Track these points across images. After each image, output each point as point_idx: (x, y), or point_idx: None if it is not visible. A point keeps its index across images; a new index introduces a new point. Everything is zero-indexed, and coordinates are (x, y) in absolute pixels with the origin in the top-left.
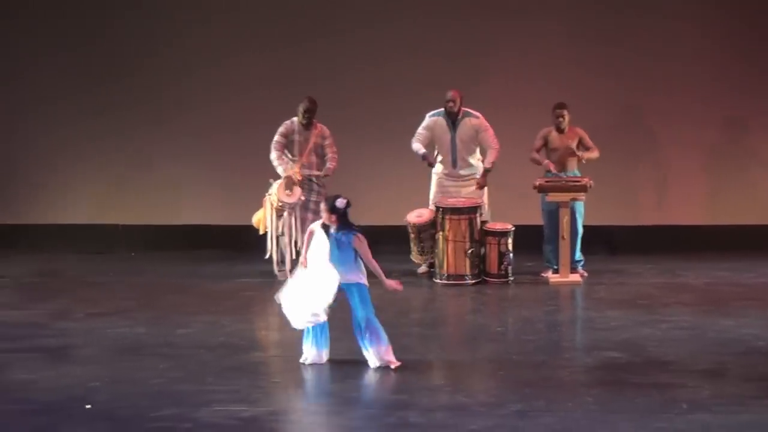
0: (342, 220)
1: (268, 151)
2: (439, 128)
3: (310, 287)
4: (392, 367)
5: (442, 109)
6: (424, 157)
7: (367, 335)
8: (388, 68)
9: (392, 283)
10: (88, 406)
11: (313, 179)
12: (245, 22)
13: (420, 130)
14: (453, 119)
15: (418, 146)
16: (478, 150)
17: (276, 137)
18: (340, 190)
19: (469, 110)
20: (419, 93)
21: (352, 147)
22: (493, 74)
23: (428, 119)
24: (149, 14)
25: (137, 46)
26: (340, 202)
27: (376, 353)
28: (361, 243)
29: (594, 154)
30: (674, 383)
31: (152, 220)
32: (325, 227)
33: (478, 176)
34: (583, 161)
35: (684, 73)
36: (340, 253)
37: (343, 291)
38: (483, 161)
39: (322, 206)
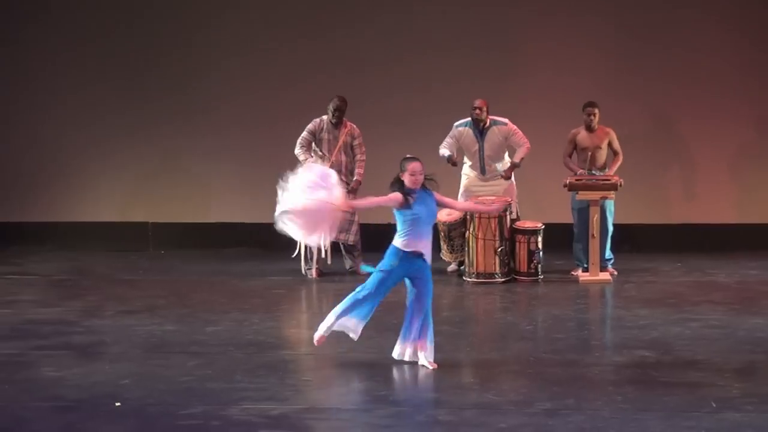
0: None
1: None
2: (467, 138)
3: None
4: (430, 367)
5: (469, 118)
6: (449, 159)
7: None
8: (413, 65)
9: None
10: (118, 404)
11: (343, 179)
12: (274, 17)
13: (447, 139)
14: (480, 129)
15: (444, 151)
16: (506, 156)
17: (303, 133)
18: (367, 188)
19: (495, 118)
20: (444, 90)
21: (378, 144)
22: (523, 71)
23: (455, 130)
24: (178, 8)
25: (166, 42)
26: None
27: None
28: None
29: (617, 164)
30: (703, 382)
31: (181, 218)
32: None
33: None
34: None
35: (713, 70)
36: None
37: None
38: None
39: (413, 166)
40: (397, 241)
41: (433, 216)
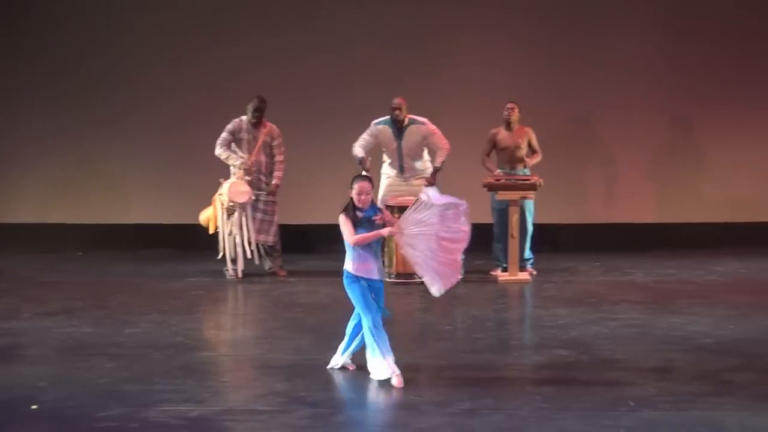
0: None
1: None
2: (385, 136)
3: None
4: (350, 368)
5: (388, 117)
6: (360, 161)
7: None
8: (336, 63)
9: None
10: (35, 407)
11: (262, 179)
12: (193, 21)
13: (364, 135)
14: (399, 127)
15: (358, 150)
16: (425, 153)
17: (223, 134)
18: (288, 188)
19: (414, 117)
20: (365, 88)
21: (299, 143)
22: (444, 69)
23: (374, 127)
24: (98, 14)
25: (85, 46)
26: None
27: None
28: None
29: (536, 160)
30: (622, 381)
31: (99, 219)
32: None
33: (427, 174)
34: (528, 167)
35: (631, 74)
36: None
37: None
38: (432, 162)
39: (361, 185)
40: (348, 264)
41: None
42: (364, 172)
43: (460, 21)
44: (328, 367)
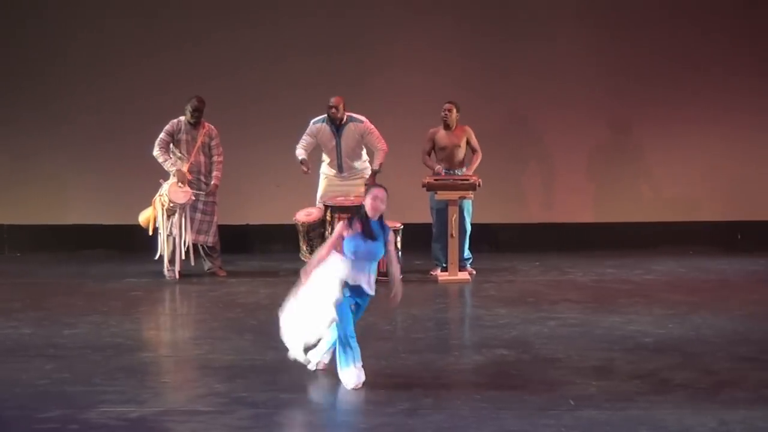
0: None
1: (154, 157)
2: (324, 135)
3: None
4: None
5: (326, 115)
6: (301, 162)
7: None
8: (274, 67)
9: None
10: None
11: (202, 179)
12: (136, 24)
13: (304, 136)
14: (337, 125)
15: (299, 152)
16: (364, 152)
17: (161, 135)
18: (230, 190)
19: (353, 115)
20: (306, 91)
21: (240, 146)
22: (381, 70)
23: (312, 126)
24: (42, 13)
25: (25, 46)
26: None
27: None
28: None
29: (477, 161)
30: (562, 380)
31: (37, 219)
32: (354, 219)
33: (366, 174)
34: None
35: (567, 76)
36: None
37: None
38: (371, 162)
39: (378, 192)
40: None
41: (373, 256)
42: (304, 169)
43: (395, 26)
44: (309, 364)
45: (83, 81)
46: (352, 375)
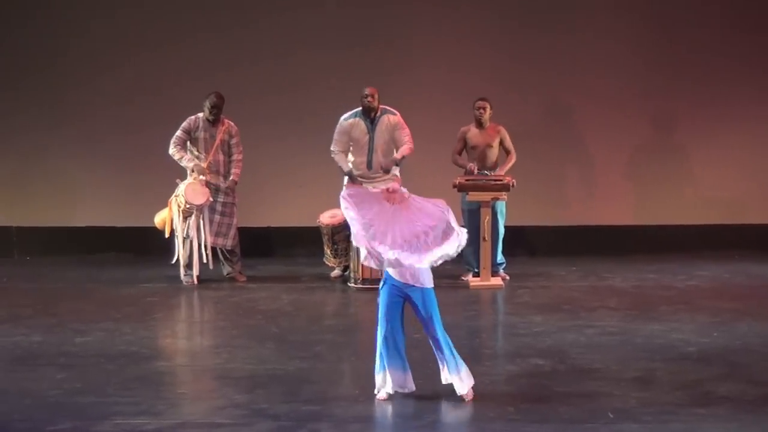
0: None
1: (169, 155)
2: (358, 130)
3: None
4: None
5: (359, 108)
6: (349, 174)
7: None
8: (295, 60)
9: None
10: None
11: (221, 179)
12: (145, 19)
13: (336, 136)
14: (371, 118)
15: (340, 158)
16: (395, 152)
17: (178, 132)
18: (250, 190)
19: (387, 107)
20: (329, 89)
21: (261, 144)
22: (410, 66)
23: (343, 123)
24: (49, 12)
25: (35, 44)
26: None
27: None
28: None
29: (510, 163)
30: (600, 392)
31: (48, 221)
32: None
33: (394, 175)
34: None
35: (610, 63)
36: None
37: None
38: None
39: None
40: None
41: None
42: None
43: (427, 20)
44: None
45: (95, 74)
46: (378, 381)
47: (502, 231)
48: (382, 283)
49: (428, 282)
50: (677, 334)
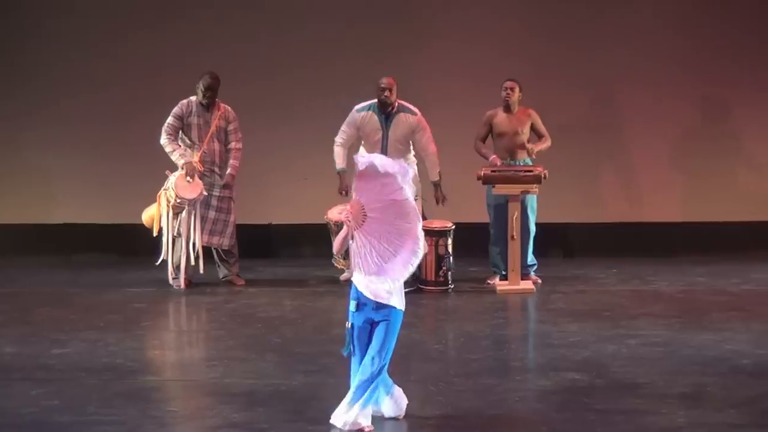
0: None
1: (159, 139)
2: (370, 125)
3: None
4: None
5: (375, 101)
6: (339, 174)
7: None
8: (302, 37)
9: None
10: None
11: (216, 170)
12: None
13: (345, 127)
14: (387, 113)
15: (339, 152)
16: (411, 151)
17: (169, 119)
18: (249, 183)
19: (405, 104)
20: (341, 66)
21: (261, 131)
22: (430, 43)
23: (355, 115)
24: None
25: (3, 22)
26: None
27: (396, 399)
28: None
29: (544, 145)
30: (644, 409)
31: (21, 218)
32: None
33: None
34: (533, 156)
35: (652, 53)
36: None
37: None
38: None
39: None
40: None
41: None
42: (340, 189)
43: None
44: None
45: (72, 54)
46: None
47: (533, 229)
48: (355, 303)
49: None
50: (730, 345)
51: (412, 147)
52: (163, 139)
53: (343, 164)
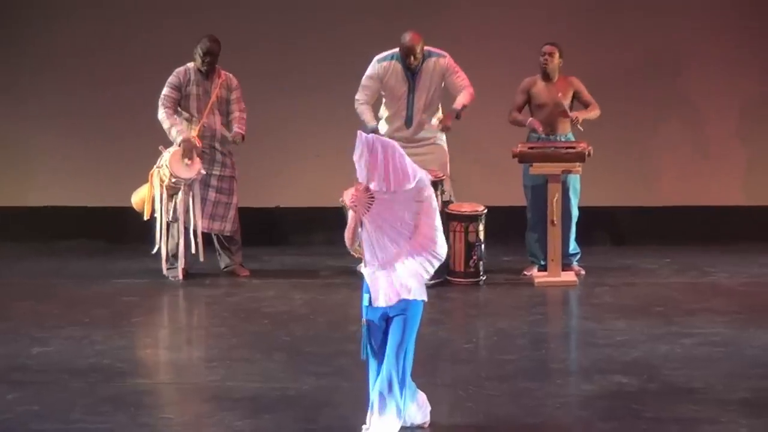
0: None
1: (153, 111)
2: (394, 77)
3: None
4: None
5: (397, 49)
6: (373, 132)
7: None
8: None
9: None
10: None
11: (216, 146)
12: None
13: (365, 81)
14: (412, 67)
15: (365, 109)
16: (440, 107)
17: (165, 90)
18: (254, 161)
19: (432, 49)
20: (357, 26)
21: (267, 102)
22: (461, 5)
23: (377, 66)
24: None
25: None
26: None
27: (421, 405)
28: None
29: (592, 113)
30: (701, 417)
31: None
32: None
33: (439, 143)
34: (579, 126)
35: (716, 12)
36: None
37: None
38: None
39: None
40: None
41: None
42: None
43: None
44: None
45: (51, 16)
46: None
47: (575, 213)
48: (368, 297)
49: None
50: None
51: (440, 107)
52: (161, 114)
53: (374, 120)
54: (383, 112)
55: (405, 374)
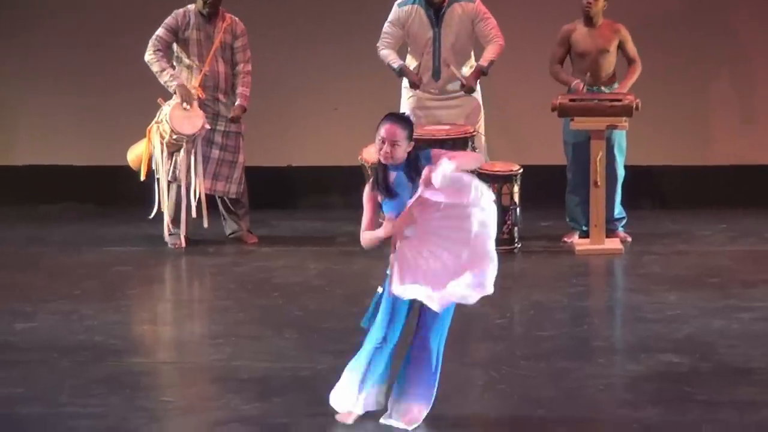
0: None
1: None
2: (417, 22)
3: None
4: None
5: None
6: (401, 72)
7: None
8: None
9: None
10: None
11: (221, 98)
12: None
13: (387, 27)
14: (437, 9)
15: (388, 53)
16: (472, 55)
17: (158, 31)
18: (262, 116)
19: None
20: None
21: (277, 51)
22: None
23: (398, 11)
24: None
25: None
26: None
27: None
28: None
29: (633, 77)
30: (760, 401)
31: None
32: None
33: (472, 95)
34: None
35: None
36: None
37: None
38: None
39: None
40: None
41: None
42: (409, 95)
43: None
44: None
45: None
46: (346, 397)
47: (621, 173)
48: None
49: None
50: None
51: (472, 55)
52: (149, 56)
53: (399, 60)
54: (409, 62)
55: (439, 362)
